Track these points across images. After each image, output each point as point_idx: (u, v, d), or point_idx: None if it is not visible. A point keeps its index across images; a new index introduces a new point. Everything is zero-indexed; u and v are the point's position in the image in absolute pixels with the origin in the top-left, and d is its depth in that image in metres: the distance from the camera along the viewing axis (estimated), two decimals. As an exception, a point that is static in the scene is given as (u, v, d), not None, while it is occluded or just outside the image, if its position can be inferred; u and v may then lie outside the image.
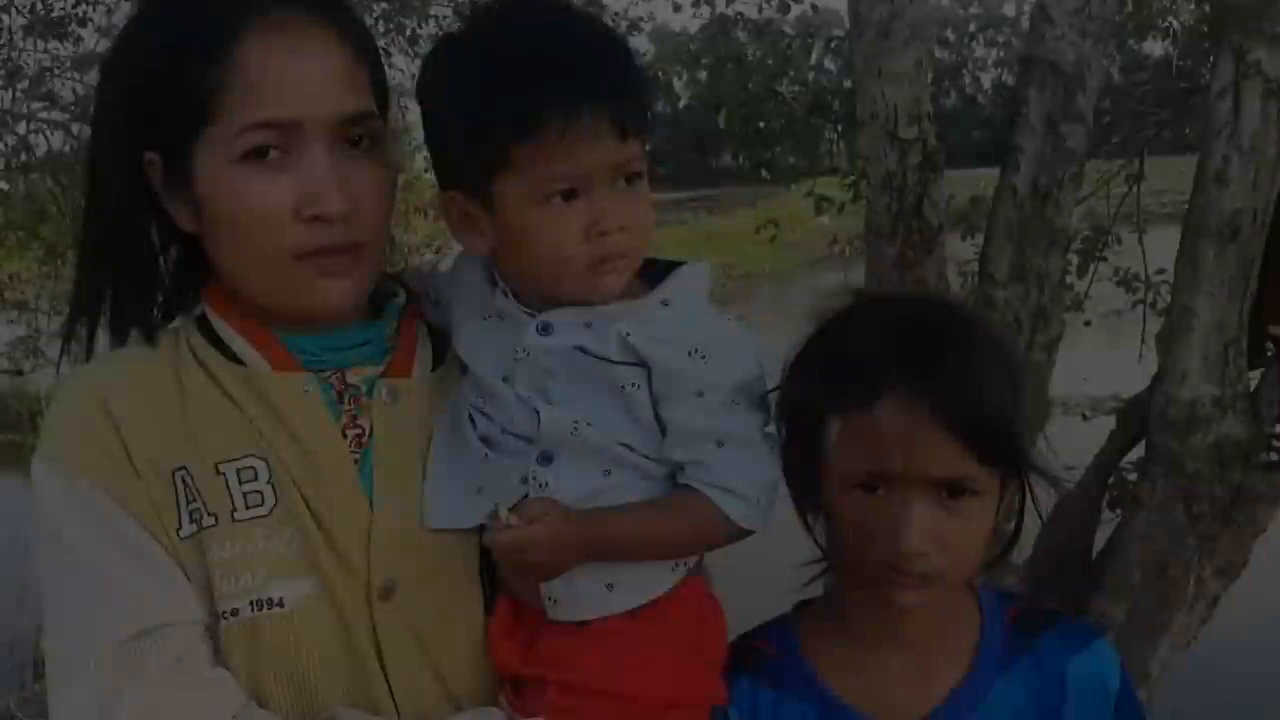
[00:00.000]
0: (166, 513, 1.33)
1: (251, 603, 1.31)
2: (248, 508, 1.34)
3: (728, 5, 6.44)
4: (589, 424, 1.34)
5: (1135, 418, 2.36)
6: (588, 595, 1.37)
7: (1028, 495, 1.45)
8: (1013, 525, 1.52)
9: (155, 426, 1.36)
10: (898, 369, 1.31)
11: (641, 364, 1.33)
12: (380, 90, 1.46)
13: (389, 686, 1.35)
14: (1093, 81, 2.16)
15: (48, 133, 7.81)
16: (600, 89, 1.28)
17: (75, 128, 7.18)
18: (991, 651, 1.44)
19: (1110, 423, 2.47)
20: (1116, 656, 1.49)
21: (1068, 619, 1.53)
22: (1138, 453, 2.38)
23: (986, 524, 1.37)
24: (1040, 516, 1.49)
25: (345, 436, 1.41)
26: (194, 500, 1.34)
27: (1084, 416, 9.72)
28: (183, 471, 1.35)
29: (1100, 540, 2.42)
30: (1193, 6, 5.21)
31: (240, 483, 1.35)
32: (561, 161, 1.28)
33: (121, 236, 1.41)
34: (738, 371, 1.36)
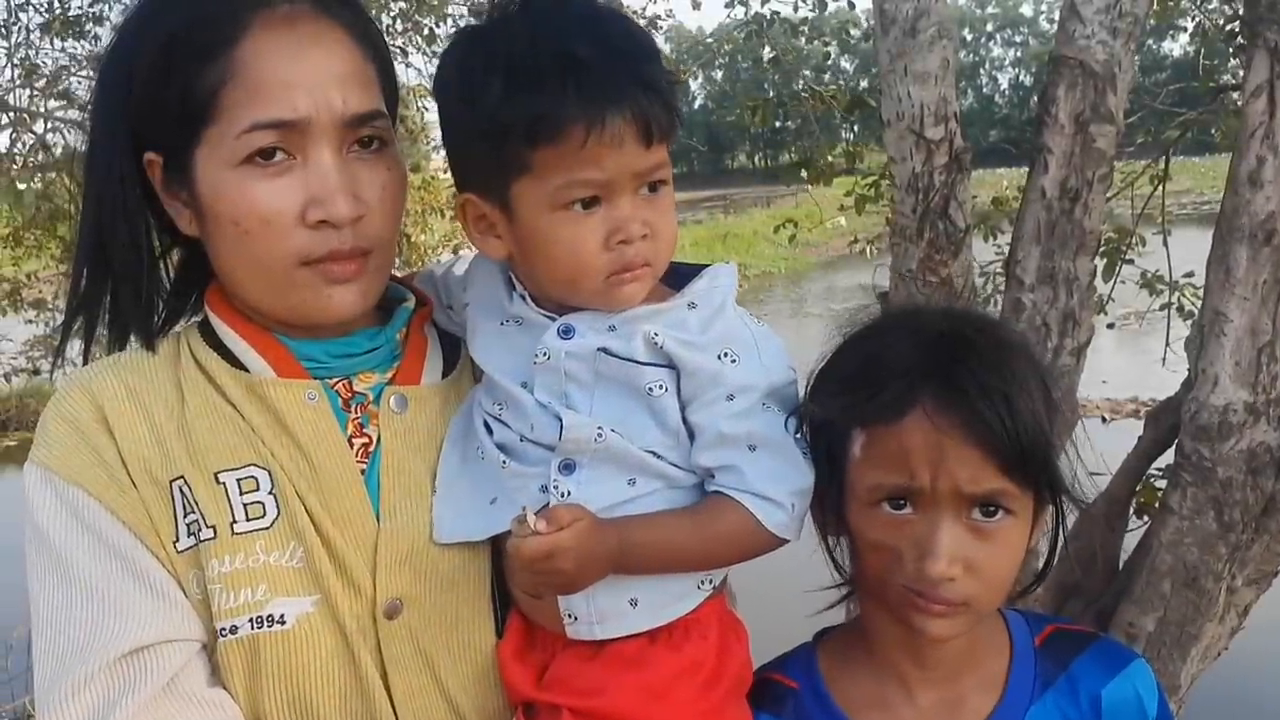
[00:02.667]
0: (163, 525, 1.28)
1: (251, 620, 1.26)
2: (248, 519, 1.29)
3: (763, 4, 6.38)
4: (613, 430, 1.28)
5: (1164, 423, 2.31)
6: (609, 611, 1.31)
7: (1060, 520, 1.38)
8: (1044, 554, 1.47)
9: (153, 434, 1.32)
10: (925, 381, 1.26)
11: (669, 366, 1.28)
12: (390, 90, 1.41)
13: (394, 710, 1.30)
14: (1123, 81, 2.10)
15: (65, 131, 7.81)
16: (626, 91, 1.20)
17: (92, 127, 7.18)
18: (1023, 679, 1.39)
19: (1131, 426, 2.42)
20: (1153, 678, 1.43)
21: (1102, 640, 1.47)
22: (1165, 459, 2.33)
23: (1018, 549, 1.31)
24: (1063, 538, 1.43)
25: (351, 446, 1.36)
26: (191, 512, 1.29)
27: (1104, 419, 9.69)
28: (180, 481, 1.30)
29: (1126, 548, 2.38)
30: (1215, 4, 5.14)
31: (241, 493, 1.30)
32: (583, 168, 1.22)
33: (118, 238, 1.36)
34: (769, 373, 1.31)
